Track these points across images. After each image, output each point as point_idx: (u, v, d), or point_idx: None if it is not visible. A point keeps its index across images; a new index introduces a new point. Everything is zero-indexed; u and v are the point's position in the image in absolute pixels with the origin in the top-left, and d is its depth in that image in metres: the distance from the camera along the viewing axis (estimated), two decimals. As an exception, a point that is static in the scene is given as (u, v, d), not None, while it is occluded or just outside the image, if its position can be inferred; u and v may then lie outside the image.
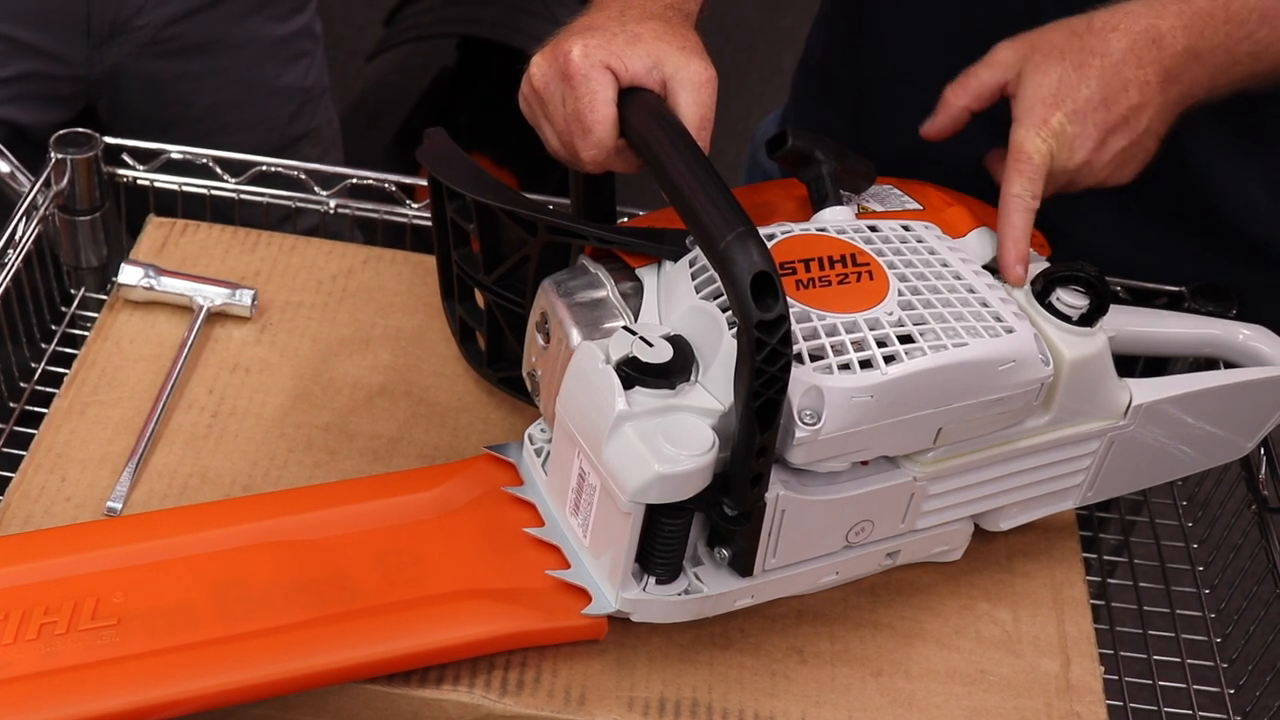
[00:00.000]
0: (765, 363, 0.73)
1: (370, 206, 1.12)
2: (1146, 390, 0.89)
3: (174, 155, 1.10)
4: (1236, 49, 0.90)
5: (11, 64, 1.30)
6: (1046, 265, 0.89)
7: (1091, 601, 0.93)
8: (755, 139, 1.34)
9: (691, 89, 0.84)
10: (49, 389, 0.98)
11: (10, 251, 1.01)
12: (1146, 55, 0.88)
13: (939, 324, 0.81)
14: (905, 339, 0.80)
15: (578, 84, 0.84)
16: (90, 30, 1.31)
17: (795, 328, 0.76)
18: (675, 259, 0.83)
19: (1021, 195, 0.87)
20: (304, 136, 1.48)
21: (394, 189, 1.12)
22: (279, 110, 1.45)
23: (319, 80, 1.49)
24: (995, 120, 0.92)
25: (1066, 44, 0.88)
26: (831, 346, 0.78)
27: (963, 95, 0.92)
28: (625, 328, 0.79)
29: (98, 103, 1.38)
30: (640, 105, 0.84)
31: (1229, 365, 0.97)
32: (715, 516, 0.79)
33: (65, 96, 1.35)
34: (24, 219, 1.03)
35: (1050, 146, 0.87)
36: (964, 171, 0.95)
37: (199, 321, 1.01)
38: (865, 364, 0.78)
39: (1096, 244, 1.06)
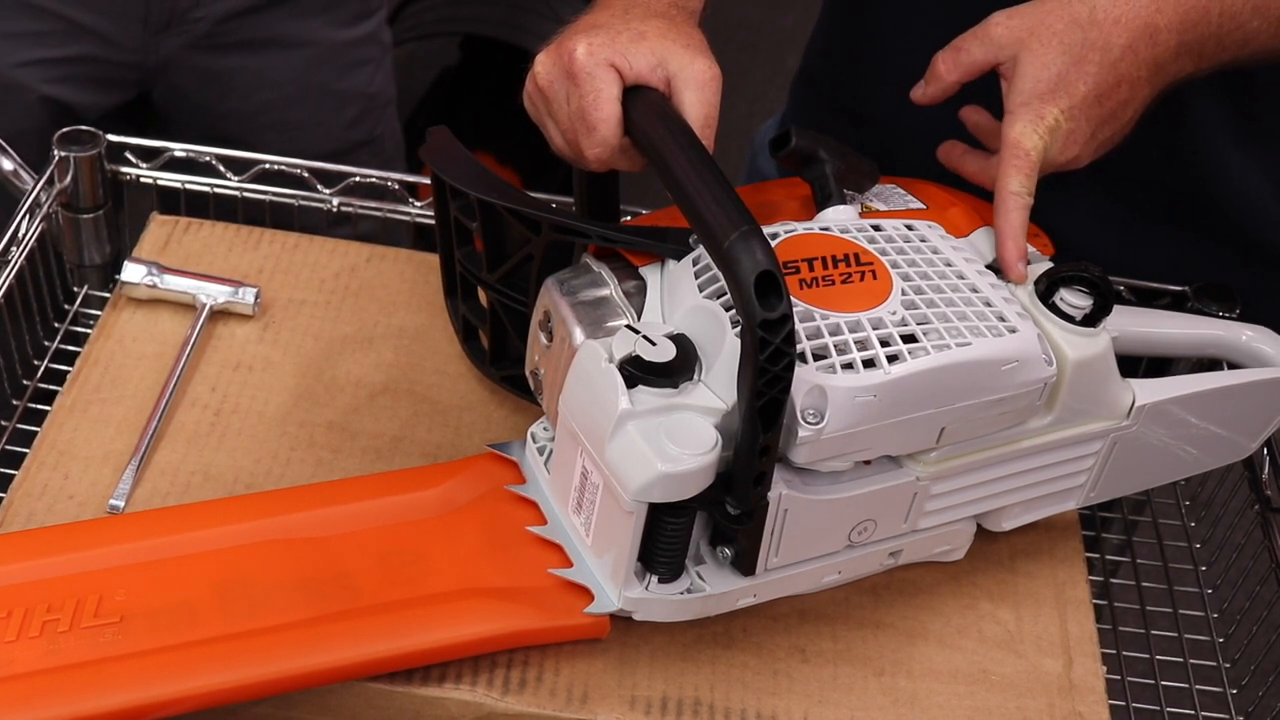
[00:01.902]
0: (769, 362, 0.73)
1: (373, 205, 1.12)
2: (1149, 390, 0.89)
3: (177, 153, 1.10)
4: (1226, 39, 0.90)
5: (68, 45, 1.30)
6: (1050, 265, 0.89)
7: (1094, 601, 0.93)
8: (754, 145, 1.34)
9: (696, 87, 0.84)
10: (52, 386, 0.98)
11: (13, 249, 1.01)
12: (1142, 52, 0.88)
13: (942, 323, 0.81)
14: (908, 338, 0.80)
15: (582, 82, 0.84)
16: (149, 18, 1.31)
17: (799, 327, 0.76)
18: (679, 258, 0.83)
19: (1019, 193, 0.87)
20: (365, 144, 1.47)
21: (397, 187, 1.12)
22: (337, 115, 1.44)
23: (384, 89, 1.49)
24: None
25: (1067, 32, 0.88)
26: (835, 346, 0.78)
27: (954, 70, 0.91)
28: (628, 326, 0.79)
29: (152, 90, 1.38)
30: (644, 104, 0.84)
31: (1232, 366, 0.96)
32: (718, 515, 0.79)
33: (120, 81, 1.35)
34: (27, 216, 1.03)
35: (1045, 142, 0.87)
36: (965, 179, 0.96)
37: (202, 319, 1.01)
38: (868, 363, 0.78)
39: (1099, 245, 1.06)
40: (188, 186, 1.10)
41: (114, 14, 1.30)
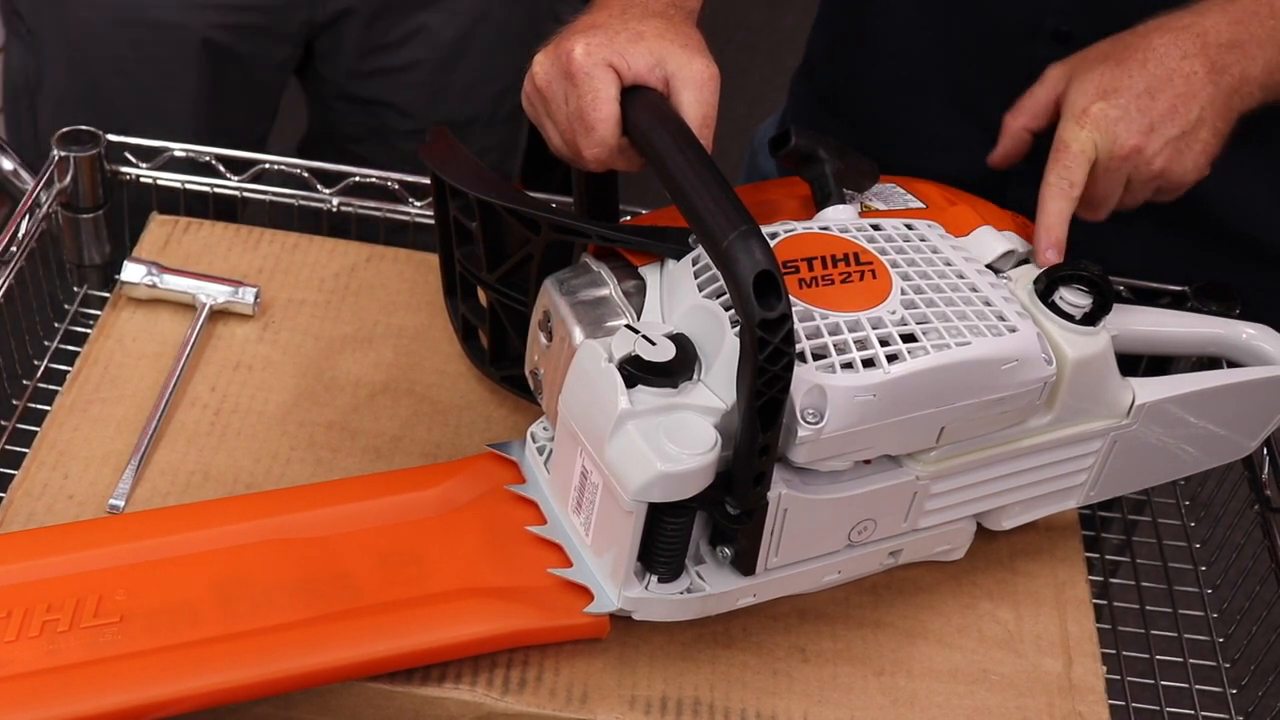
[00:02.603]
0: (768, 361, 0.73)
1: (373, 204, 1.12)
2: (1149, 389, 0.89)
3: (177, 153, 1.10)
4: None
5: None
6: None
7: (1094, 601, 0.93)
8: (754, 143, 1.34)
9: (694, 87, 0.84)
10: (52, 386, 0.98)
11: (13, 249, 1.01)
12: (1190, 48, 0.89)
13: (942, 323, 0.81)
14: (908, 338, 0.80)
15: (580, 82, 0.84)
16: None
17: (798, 326, 0.76)
18: (678, 257, 0.83)
19: (1057, 182, 0.88)
20: (506, 119, 1.46)
21: (397, 187, 1.12)
22: (485, 84, 1.44)
23: None
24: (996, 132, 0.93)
25: (1110, 49, 0.90)
26: (834, 345, 0.78)
27: (1019, 115, 0.94)
28: (628, 326, 0.79)
29: (315, 42, 1.39)
30: (643, 103, 0.84)
31: (1232, 364, 0.96)
32: (718, 515, 0.79)
33: (286, 36, 1.36)
34: (27, 216, 1.03)
35: (1090, 134, 0.88)
36: (964, 180, 0.95)
37: (201, 319, 1.01)
38: (868, 363, 0.78)
39: (1098, 245, 1.06)
40: (188, 186, 1.10)
41: None
